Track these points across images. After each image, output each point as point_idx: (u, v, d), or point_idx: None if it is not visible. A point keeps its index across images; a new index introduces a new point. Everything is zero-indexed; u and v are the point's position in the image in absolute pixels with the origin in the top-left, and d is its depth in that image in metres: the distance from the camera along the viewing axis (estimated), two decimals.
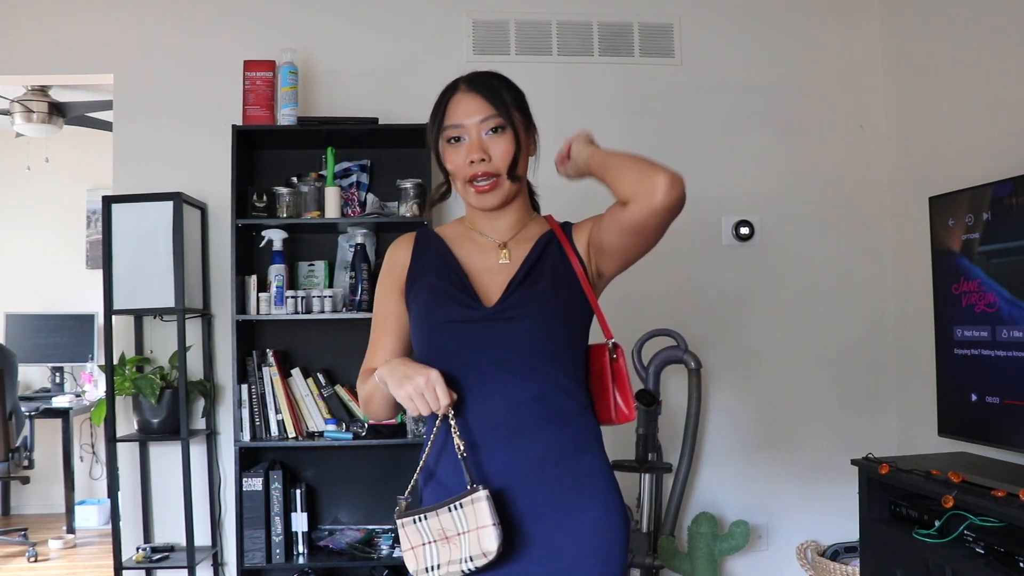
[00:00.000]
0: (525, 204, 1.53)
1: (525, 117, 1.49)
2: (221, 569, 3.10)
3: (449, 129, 1.44)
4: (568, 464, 1.41)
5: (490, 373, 1.39)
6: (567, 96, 3.23)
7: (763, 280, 3.32)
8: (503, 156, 1.42)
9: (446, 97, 1.47)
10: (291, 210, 2.96)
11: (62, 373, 5.23)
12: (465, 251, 1.49)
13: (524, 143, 1.46)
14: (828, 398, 3.32)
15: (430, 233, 1.54)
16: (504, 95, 1.46)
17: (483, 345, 1.39)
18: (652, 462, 3.01)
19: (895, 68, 3.32)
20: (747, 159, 3.34)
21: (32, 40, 3.15)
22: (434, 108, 1.48)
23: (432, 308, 1.43)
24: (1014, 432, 2.38)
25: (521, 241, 1.49)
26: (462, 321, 1.41)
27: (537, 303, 1.41)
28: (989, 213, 2.48)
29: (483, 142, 1.42)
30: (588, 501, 1.40)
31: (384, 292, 1.52)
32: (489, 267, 1.47)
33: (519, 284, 1.43)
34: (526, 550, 1.37)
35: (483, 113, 1.43)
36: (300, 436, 2.93)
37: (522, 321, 1.39)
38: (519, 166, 1.45)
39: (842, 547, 3.10)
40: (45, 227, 5.48)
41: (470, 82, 1.46)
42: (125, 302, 2.87)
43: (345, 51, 3.22)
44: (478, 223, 1.51)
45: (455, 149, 1.44)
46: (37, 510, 5.31)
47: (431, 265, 1.48)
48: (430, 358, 1.41)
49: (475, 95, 1.44)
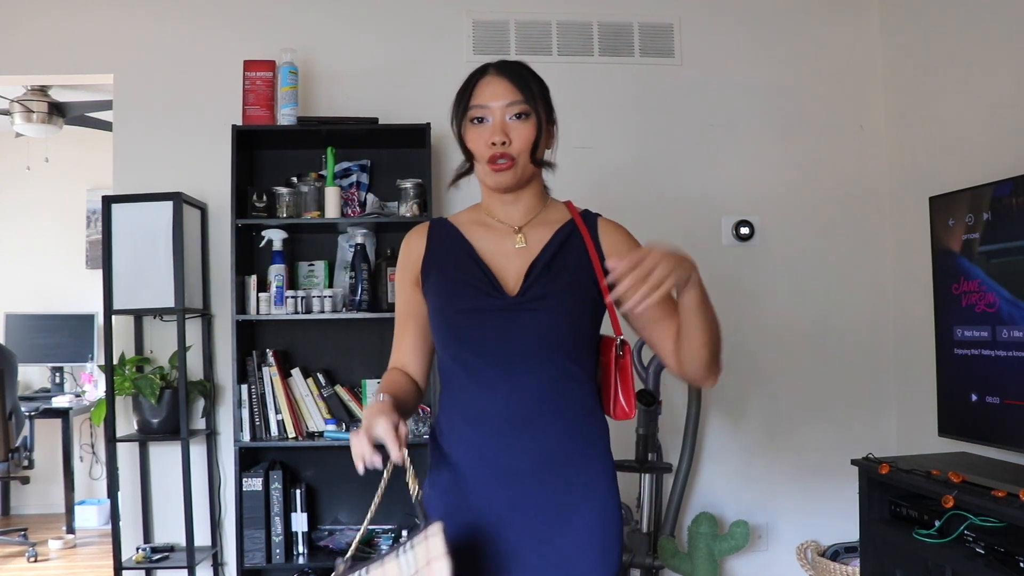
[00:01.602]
0: (540, 190, 1.53)
1: (548, 109, 1.49)
2: (221, 569, 3.10)
3: (474, 109, 1.45)
4: (576, 460, 1.42)
5: (508, 362, 1.39)
6: (567, 96, 3.21)
7: (763, 280, 3.32)
8: (524, 141, 1.43)
9: (474, 79, 1.48)
10: (291, 210, 2.96)
11: (62, 373, 5.23)
12: (479, 236, 1.49)
13: (545, 132, 1.47)
14: (828, 398, 3.32)
15: (443, 221, 1.54)
16: (532, 84, 1.46)
17: (504, 334, 1.40)
18: (652, 462, 3.01)
19: (895, 68, 3.32)
20: (747, 159, 3.34)
21: (32, 40, 3.15)
22: (460, 89, 1.49)
23: (451, 296, 1.44)
24: (1014, 432, 2.38)
25: (537, 225, 1.49)
26: (483, 310, 1.41)
27: (560, 296, 1.41)
28: (989, 213, 2.48)
29: (506, 125, 1.43)
30: (589, 501, 1.42)
31: (401, 284, 1.53)
32: (505, 251, 1.47)
33: (541, 273, 1.43)
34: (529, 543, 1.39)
35: (509, 97, 1.43)
36: (300, 436, 2.93)
37: (545, 312, 1.40)
38: (537, 152, 1.46)
39: (842, 547, 3.10)
40: (45, 227, 5.48)
41: (499, 67, 1.47)
42: (125, 302, 2.87)
43: (345, 51, 3.22)
44: (493, 209, 1.51)
45: (477, 130, 1.45)
46: (37, 510, 5.31)
47: (446, 253, 1.48)
48: (449, 346, 1.43)
49: (504, 79, 1.45)
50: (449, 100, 1.53)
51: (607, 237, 1.50)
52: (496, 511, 1.39)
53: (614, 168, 3.26)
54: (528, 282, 1.42)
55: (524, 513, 1.39)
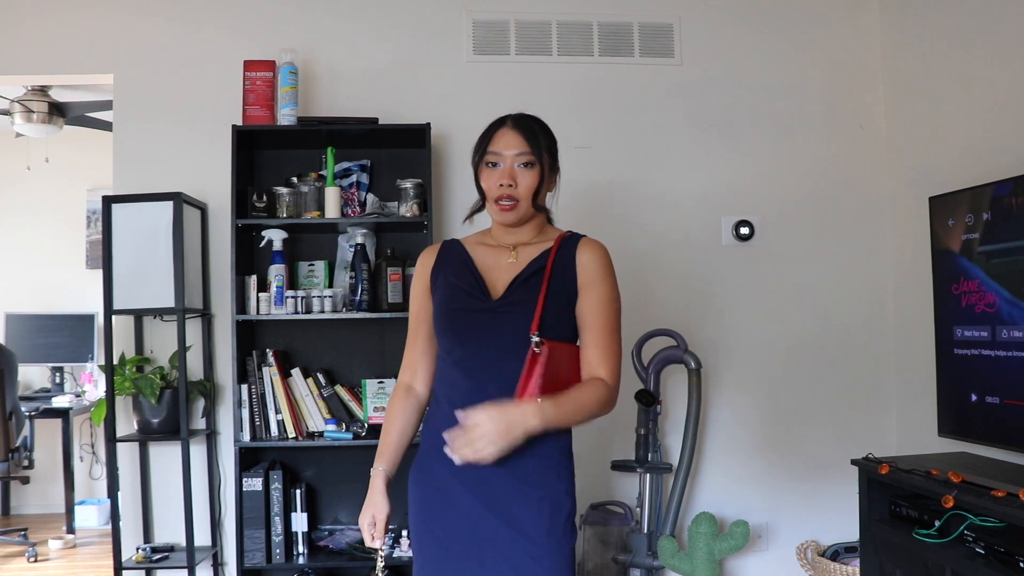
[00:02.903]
0: (540, 224, 1.78)
1: (553, 160, 1.75)
2: (221, 569, 3.10)
3: (490, 155, 1.71)
4: (536, 441, 1.59)
5: (487, 354, 1.66)
6: (567, 96, 3.23)
7: (763, 280, 3.32)
8: (527, 187, 1.70)
9: (493, 129, 1.74)
10: (291, 210, 2.96)
11: (62, 373, 5.23)
12: (480, 252, 1.77)
13: (547, 180, 1.73)
14: (828, 398, 3.32)
15: (454, 241, 1.83)
16: (540, 139, 1.72)
17: (486, 330, 1.66)
18: (652, 462, 3.02)
19: (895, 68, 3.32)
20: (747, 159, 3.34)
21: (32, 40, 3.15)
22: (481, 136, 1.75)
23: (449, 299, 1.72)
24: (1014, 432, 2.38)
25: (530, 246, 1.75)
26: (471, 310, 1.69)
27: (534, 302, 1.65)
28: (989, 213, 2.48)
29: (514, 171, 1.69)
30: (543, 482, 1.65)
31: (415, 292, 1.82)
32: (499, 265, 1.74)
33: (522, 283, 1.69)
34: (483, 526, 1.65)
35: (519, 148, 1.69)
36: (300, 436, 2.93)
37: (518, 315, 1.65)
38: (539, 197, 1.72)
39: (842, 547, 3.10)
40: (45, 227, 5.47)
41: (515, 121, 1.73)
42: (125, 302, 2.87)
43: (345, 51, 3.22)
44: (498, 234, 1.79)
45: (491, 172, 1.71)
46: (37, 510, 5.31)
47: (451, 265, 1.77)
48: (443, 339, 1.72)
49: (516, 133, 1.71)
50: (449, 100, 1.58)
51: (583, 255, 1.72)
52: (461, 479, 1.64)
53: (614, 168, 3.25)
54: (510, 289, 1.69)
55: (485, 483, 1.63)
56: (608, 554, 3.01)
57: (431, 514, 1.70)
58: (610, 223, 3.14)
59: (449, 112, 3.12)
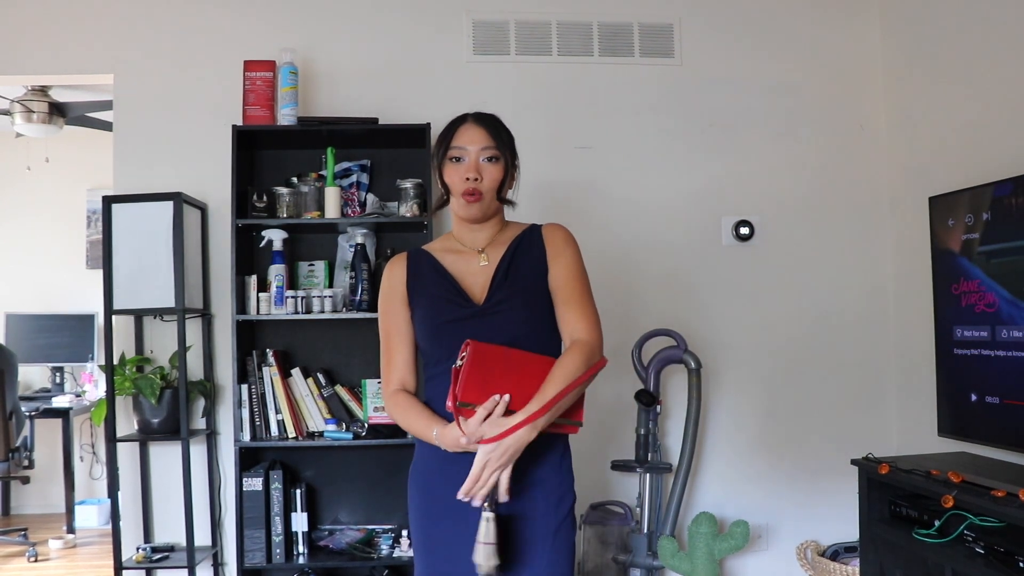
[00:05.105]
0: (500, 219, 1.81)
1: (513, 155, 1.78)
2: (221, 569, 3.10)
3: (454, 149, 1.72)
4: (532, 444, 1.59)
5: None
6: (567, 96, 3.23)
7: (763, 280, 3.32)
8: (493, 180, 1.72)
9: (455, 125, 1.75)
10: (291, 210, 2.96)
11: (62, 373, 5.23)
12: (450, 260, 1.77)
13: (510, 174, 1.76)
14: (828, 398, 3.32)
15: (420, 251, 1.82)
16: (503, 134, 1.76)
17: (480, 336, 1.63)
18: (652, 462, 3.02)
19: (895, 68, 3.32)
20: (747, 159, 3.34)
21: (32, 40, 3.15)
22: (443, 132, 1.76)
23: (432, 312, 1.71)
24: (1014, 432, 2.38)
25: (496, 245, 1.77)
26: (459, 319, 1.68)
27: (517, 296, 1.69)
28: (989, 213, 2.48)
29: (479, 165, 1.71)
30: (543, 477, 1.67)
31: (390, 306, 1.78)
32: (471, 270, 1.75)
33: (500, 283, 1.71)
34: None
35: (484, 143, 1.72)
36: (300, 436, 2.93)
37: (506, 314, 1.67)
38: (502, 191, 1.75)
39: (842, 547, 3.10)
40: (45, 227, 5.47)
41: (477, 117, 1.76)
42: (125, 302, 2.87)
43: (345, 51, 3.22)
44: (462, 236, 1.79)
45: (455, 167, 1.72)
46: (37, 510, 5.31)
47: (426, 276, 1.76)
48: (435, 353, 1.71)
49: (480, 128, 1.74)
50: (449, 100, 1.57)
51: (548, 233, 1.77)
52: (460, 478, 1.61)
53: (614, 168, 3.25)
54: (491, 291, 1.71)
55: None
56: (608, 554, 3.02)
57: (431, 513, 1.71)
58: (610, 223, 3.14)
59: (449, 112, 3.04)
